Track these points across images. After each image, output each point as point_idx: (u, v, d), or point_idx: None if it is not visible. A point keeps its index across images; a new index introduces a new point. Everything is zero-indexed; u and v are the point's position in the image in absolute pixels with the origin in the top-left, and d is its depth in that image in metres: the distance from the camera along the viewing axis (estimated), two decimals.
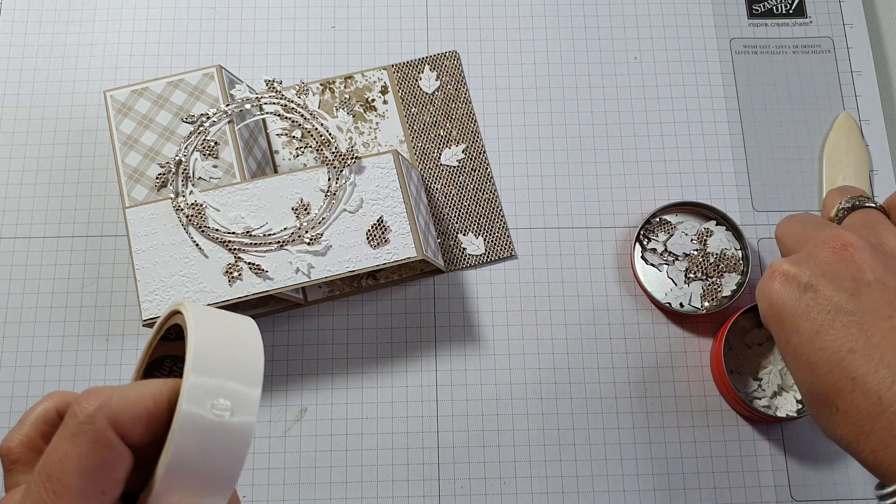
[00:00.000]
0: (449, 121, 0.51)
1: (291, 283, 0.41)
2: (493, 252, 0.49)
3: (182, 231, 0.42)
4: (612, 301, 0.49)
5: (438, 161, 0.50)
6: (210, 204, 0.42)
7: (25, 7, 0.55)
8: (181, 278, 0.41)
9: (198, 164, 0.43)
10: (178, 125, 0.44)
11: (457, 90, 0.52)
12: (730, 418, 0.47)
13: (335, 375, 0.48)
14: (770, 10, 0.55)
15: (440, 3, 0.55)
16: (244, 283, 0.41)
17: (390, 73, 0.52)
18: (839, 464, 0.47)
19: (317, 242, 0.41)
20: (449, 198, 0.50)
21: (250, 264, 0.41)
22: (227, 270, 0.41)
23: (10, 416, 0.46)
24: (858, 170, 0.51)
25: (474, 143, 0.51)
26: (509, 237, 0.50)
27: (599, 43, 0.55)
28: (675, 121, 0.53)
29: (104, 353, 0.48)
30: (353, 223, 0.42)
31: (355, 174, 0.43)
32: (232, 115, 0.44)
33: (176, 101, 0.44)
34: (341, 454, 0.46)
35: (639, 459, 0.47)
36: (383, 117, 0.51)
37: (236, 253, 0.41)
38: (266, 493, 0.45)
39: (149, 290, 0.41)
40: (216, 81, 0.44)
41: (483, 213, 0.50)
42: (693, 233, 0.49)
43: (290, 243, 0.41)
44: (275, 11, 0.55)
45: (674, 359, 0.48)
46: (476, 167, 0.51)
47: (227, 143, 0.43)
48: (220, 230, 0.42)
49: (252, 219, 0.42)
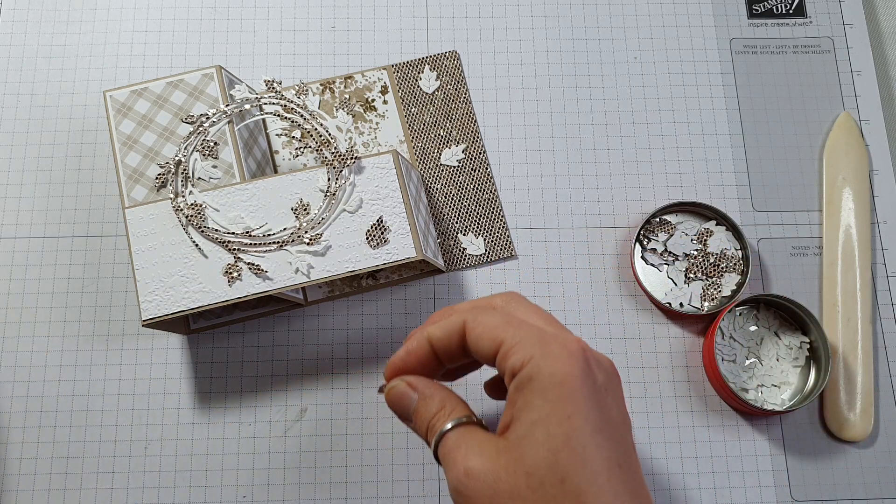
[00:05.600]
0: (449, 121, 0.51)
1: (291, 283, 0.41)
2: (493, 252, 0.49)
3: (181, 231, 0.42)
4: (612, 301, 0.49)
5: (438, 161, 0.50)
6: (210, 204, 0.42)
7: (25, 7, 0.55)
8: (181, 278, 0.41)
9: (197, 165, 0.43)
10: (177, 125, 0.44)
11: (457, 90, 0.52)
12: (730, 418, 0.47)
13: (335, 375, 0.48)
14: (770, 10, 0.55)
15: (440, 3, 0.55)
16: (244, 283, 0.41)
17: (390, 73, 0.52)
18: (839, 464, 0.47)
19: (316, 242, 0.41)
20: (449, 198, 0.50)
21: (250, 264, 0.41)
22: (226, 271, 0.41)
23: (10, 416, 0.46)
24: (858, 170, 0.51)
25: (474, 143, 0.51)
26: (509, 237, 0.50)
27: (599, 43, 0.55)
28: (675, 121, 0.53)
29: (104, 353, 0.48)
30: (352, 223, 0.42)
31: (355, 174, 0.43)
32: (231, 116, 0.44)
33: (175, 102, 0.44)
34: (341, 454, 0.46)
35: (639, 459, 0.46)
36: (383, 117, 0.51)
37: (236, 253, 0.41)
38: (266, 493, 0.45)
39: (148, 290, 0.41)
40: (216, 82, 0.44)
41: (483, 213, 0.50)
42: (693, 233, 0.49)
43: (290, 243, 0.41)
44: (275, 11, 0.55)
45: (674, 359, 0.48)
46: (476, 167, 0.51)
47: (226, 143, 0.43)
48: (220, 230, 0.42)
49: (252, 219, 0.42)
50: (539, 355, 0.30)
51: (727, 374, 0.47)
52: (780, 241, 0.51)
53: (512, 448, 0.30)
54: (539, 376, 0.30)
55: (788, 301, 0.47)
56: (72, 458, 0.46)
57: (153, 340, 0.48)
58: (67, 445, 0.46)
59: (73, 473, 0.45)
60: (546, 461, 0.29)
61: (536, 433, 0.29)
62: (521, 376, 0.30)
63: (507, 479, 0.30)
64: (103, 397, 0.47)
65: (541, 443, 0.29)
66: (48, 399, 0.47)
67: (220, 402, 0.47)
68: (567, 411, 0.30)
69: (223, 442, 0.46)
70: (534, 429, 0.30)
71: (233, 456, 0.46)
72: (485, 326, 0.32)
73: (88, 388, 0.47)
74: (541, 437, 0.29)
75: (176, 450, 0.46)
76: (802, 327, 0.48)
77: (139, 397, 0.47)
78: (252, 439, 0.46)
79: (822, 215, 0.51)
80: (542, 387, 0.30)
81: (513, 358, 0.31)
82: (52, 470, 0.46)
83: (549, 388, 0.30)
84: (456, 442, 0.32)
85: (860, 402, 0.47)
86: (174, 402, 0.47)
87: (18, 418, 0.46)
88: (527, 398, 0.30)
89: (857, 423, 0.46)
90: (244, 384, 0.47)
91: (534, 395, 0.30)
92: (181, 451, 0.46)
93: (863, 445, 0.47)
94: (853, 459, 0.47)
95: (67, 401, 0.47)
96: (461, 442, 0.32)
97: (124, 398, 0.47)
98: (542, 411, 0.30)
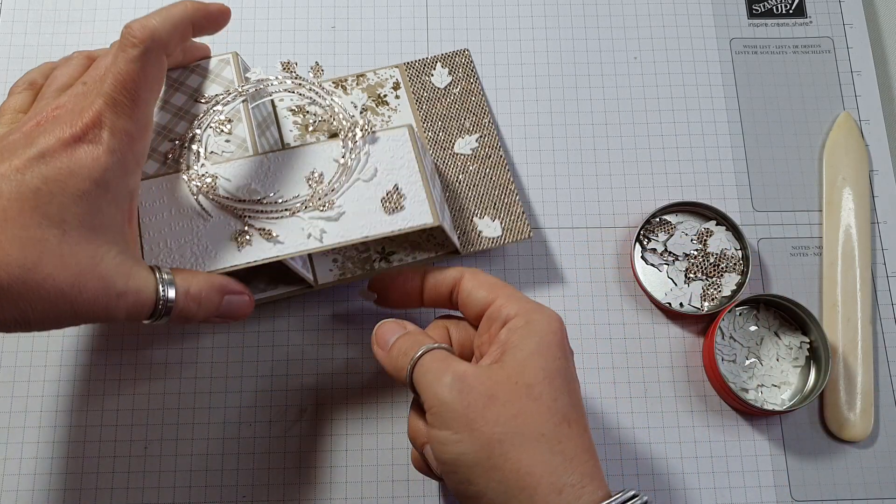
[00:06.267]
0: (462, 112, 0.50)
1: (303, 248, 0.40)
2: (510, 234, 0.48)
3: (192, 200, 0.41)
4: (612, 301, 0.49)
5: (452, 150, 0.50)
6: (221, 175, 0.42)
7: (25, 7, 0.55)
8: (188, 244, 0.40)
9: (210, 140, 0.43)
10: (192, 105, 0.43)
11: (469, 83, 0.51)
12: (730, 418, 0.47)
13: (335, 375, 0.48)
14: (770, 10, 0.55)
15: (440, 3, 0.55)
16: (254, 248, 0.40)
17: (402, 70, 0.51)
18: (839, 464, 0.47)
19: (330, 208, 0.41)
20: (463, 184, 0.49)
21: (260, 230, 0.40)
22: (235, 237, 0.40)
23: (10, 416, 0.46)
24: (858, 170, 0.51)
25: (488, 131, 0.50)
26: (526, 220, 0.48)
27: (599, 43, 0.55)
28: (675, 121, 0.53)
29: (104, 353, 0.48)
30: (367, 191, 0.41)
31: (370, 144, 0.42)
32: (246, 95, 0.44)
33: (191, 84, 0.44)
34: (341, 454, 0.46)
35: (639, 459, 0.47)
36: (395, 111, 0.50)
37: (246, 220, 0.41)
38: (266, 493, 0.45)
39: (154, 256, 0.40)
40: (232, 66, 0.44)
41: (499, 197, 0.49)
42: (693, 233, 0.50)
43: (303, 210, 0.41)
44: (274, 11, 0.55)
45: (674, 359, 0.48)
46: (490, 154, 0.49)
47: (240, 120, 0.43)
48: (230, 198, 0.41)
49: (263, 188, 0.41)
50: (532, 310, 0.36)
51: (727, 374, 0.47)
52: (780, 241, 0.51)
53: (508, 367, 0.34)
54: (535, 324, 0.36)
55: (788, 301, 0.47)
56: (72, 458, 0.46)
57: (153, 340, 0.48)
58: (67, 445, 0.46)
59: (73, 473, 0.45)
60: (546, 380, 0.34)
61: (536, 360, 0.34)
62: (516, 321, 0.36)
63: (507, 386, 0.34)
64: (103, 397, 0.47)
65: (541, 367, 0.34)
66: (48, 399, 0.47)
67: (220, 402, 0.47)
68: (557, 354, 0.35)
69: (223, 442, 0.46)
70: (532, 357, 0.34)
71: (233, 456, 0.46)
72: (482, 282, 0.39)
73: (88, 388, 0.47)
74: (541, 363, 0.34)
75: (176, 450, 0.46)
76: (802, 327, 0.48)
77: (139, 397, 0.47)
78: (252, 439, 0.46)
79: (822, 215, 0.51)
80: (538, 330, 0.35)
81: (509, 308, 0.37)
82: (52, 470, 0.46)
83: (544, 334, 0.35)
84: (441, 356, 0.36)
85: (860, 402, 0.47)
86: (174, 402, 0.47)
87: (18, 418, 0.46)
88: (523, 336, 0.35)
89: (857, 423, 0.46)
90: (244, 384, 0.47)
91: (531, 335, 0.35)
92: (181, 451, 0.46)
93: (863, 445, 0.47)
94: (853, 459, 0.47)
95: (67, 401, 0.47)
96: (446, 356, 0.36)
97: (124, 398, 0.47)
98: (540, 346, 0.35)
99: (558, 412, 0.33)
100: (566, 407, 0.34)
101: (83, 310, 0.32)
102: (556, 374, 0.34)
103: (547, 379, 0.34)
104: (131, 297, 0.34)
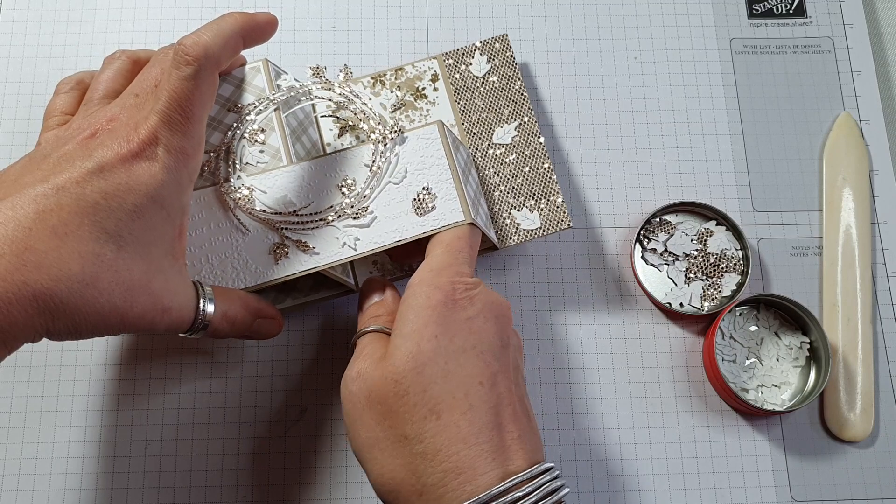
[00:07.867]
0: (501, 99, 0.50)
1: (339, 258, 0.40)
2: (549, 225, 0.47)
3: (228, 215, 0.41)
4: (612, 301, 0.49)
5: (491, 140, 0.49)
6: (257, 187, 0.42)
7: (25, 7, 0.55)
8: (229, 260, 0.41)
9: (245, 150, 0.43)
10: (224, 115, 0.43)
11: (509, 69, 0.50)
12: (730, 418, 0.47)
13: (335, 375, 0.48)
14: (770, 10, 0.55)
15: (440, 3, 0.55)
16: (291, 261, 0.40)
17: (440, 61, 0.51)
18: (839, 464, 0.47)
19: (362, 216, 0.41)
20: (502, 176, 0.48)
21: (297, 242, 0.41)
22: (273, 250, 0.41)
23: (9, 416, 0.46)
24: (858, 170, 0.51)
25: (527, 118, 0.49)
26: (565, 209, 0.47)
27: (599, 43, 0.55)
28: (675, 121, 0.53)
29: (104, 353, 0.48)
30: (398, 194, 0.41)
31: (399, 145, 0.42)
32: (278, 104, 0.44)
33: (223, 94, 0.44)
34: (341, 454, 0.46)
35: (639, 459, 0.47)
36: (433, 104, 0.49)
37: (282, 232, 0.41)
38: (266, 494, 0.45)
39: (196, 272, 0.41)
40: (262, 74, 0.44)
41: (538, 187, 0.48)
42: (693, 233, 0.50)
43: (337, 219, 0.41)
44: (274, 11, 0.55)
45: (674, 359, 0.48)
46: (530, 142, 0.49)
47: (273, 129, 0.43)
48: (267, 211, 0.41)
49: (298, 199, 0.41)
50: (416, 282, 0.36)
51: (727, 374, 0.47)
52: (780, 241, 0.51)
53: (388, 357, 0.34)
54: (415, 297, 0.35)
55: (788, 301, 0.47)
56: (72, 458, 0.46)
57: (153, 340, 0.48)
58: (67, 445, 0.46)
59: (73, 473, 0.45)
60: (413, 371, 0.33)
61: (408, 345, 0.34)
62: (405, 295, 0.36)
63: (380, 384, 0.34)
64: (103, 397, 0.47)
65: (411, 355, 0.33)
66: (48, 399, 0.47)
67: (220, 403, 0.47)
68: (434, 331, 0.34)
69: (223, 442, 0.46)
70: (405, 341, 0.34)
71: (233, 456, 0.46)
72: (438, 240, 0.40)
73: (88, 388, 0.47)
74: (412, 349, 0.33)
75: (176, 450, 0.46)
76: (802, 327, 0.48)
77: (140, 397, 0.47)
78: (252, 439, 0.46)
79: (822, 215, 0.51)
80: (417, 304, 0.35)
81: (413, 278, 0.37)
82: (52, 470, 0.46)
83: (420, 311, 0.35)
84: (363, 343, 0.37)
85: (860, 402, 0.47)
86: (174, 402, 0.47)
87: (18, 418, 0.46)
88: (403, 313, 0.35)
89: (857, 423, 0.46)
90: (244, 384, 0.47)
91: (409, 311, 0.35)
92: (181, 451, 0.46)
93: (863, 445, 0.47)
94: (853, 459, 0.47)
95: (68, 401, 0.47)
96: (367, 343, 0.37)
97: (125, 398, 0.47)
98: (414, 326, 0.34)
99: (425, 405, 0.32)
100: (439, 395, 0.32)
101: (131, 323, 0.33)
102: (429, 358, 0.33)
103: (416, 368, 0.33)
104: (175, 314, 0.35)
